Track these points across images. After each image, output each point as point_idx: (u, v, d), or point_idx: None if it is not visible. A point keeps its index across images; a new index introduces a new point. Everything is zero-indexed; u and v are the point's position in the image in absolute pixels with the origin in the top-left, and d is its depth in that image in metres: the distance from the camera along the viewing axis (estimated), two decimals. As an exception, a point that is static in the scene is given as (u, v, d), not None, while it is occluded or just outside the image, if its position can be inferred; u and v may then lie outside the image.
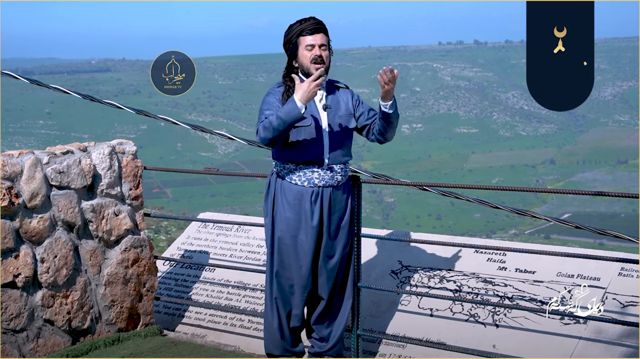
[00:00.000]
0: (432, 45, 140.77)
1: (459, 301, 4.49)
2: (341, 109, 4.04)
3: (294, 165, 3.97)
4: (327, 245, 4.04)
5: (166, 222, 32.52)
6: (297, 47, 3.96)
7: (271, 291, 4.11)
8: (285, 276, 4.05)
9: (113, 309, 4.72)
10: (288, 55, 4.02)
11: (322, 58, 3.94)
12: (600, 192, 3.91)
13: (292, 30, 3.98)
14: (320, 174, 3.97)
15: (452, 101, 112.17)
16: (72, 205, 4.50)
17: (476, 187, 4.49)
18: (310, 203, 3.96)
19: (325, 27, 4.00)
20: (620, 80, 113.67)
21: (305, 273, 4.02)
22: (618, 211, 70.41)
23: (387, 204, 78.58)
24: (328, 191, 3.99)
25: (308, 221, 3.97)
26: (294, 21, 4.02)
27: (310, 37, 3.93)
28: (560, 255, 4.20)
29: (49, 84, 5.99)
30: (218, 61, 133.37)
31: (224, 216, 6.14)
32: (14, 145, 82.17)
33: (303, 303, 4.10)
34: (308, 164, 3.96)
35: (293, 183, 3.98)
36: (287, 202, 3.98)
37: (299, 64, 3.98)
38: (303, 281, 4.03)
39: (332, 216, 4.02)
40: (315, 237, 3.99)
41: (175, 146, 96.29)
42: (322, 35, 3.96)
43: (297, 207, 3.97)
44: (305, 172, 3.96)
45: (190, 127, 5.85)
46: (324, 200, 3.99)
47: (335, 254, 4.08)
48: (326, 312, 4.17)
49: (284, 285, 4.06)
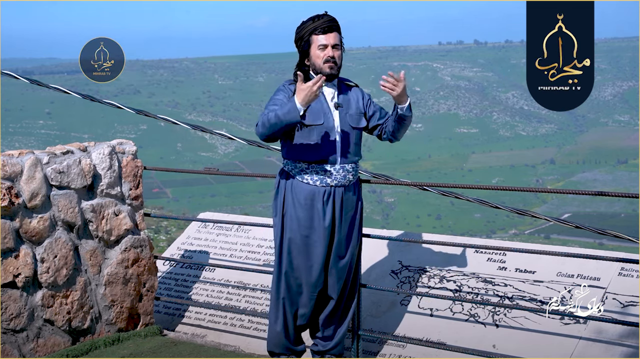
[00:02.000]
0: (432, 45, 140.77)
1: (459, 301, 4.49)
2: (352, 107, 4.02)
3: (305, 164, 3.93)
4: (339, 245, 4.01)
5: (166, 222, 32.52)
6: (309, 46, 3.90)
7: (278, 291, 4.07)
8: (294, 275, 4.02)
9: (113, 309, 4.72)
10: (300, 53, 3.95)
11: (334, 59, 3.89)
12: (600, 192, 3.91)
13: (305, 27, 3.91)
14: (333, 173, 3.93)
15: (452, 101, 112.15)
16: (72, 205, 4.50)
17: (476, 187, 4.49)
18: (323, 203, 3.92)
19: (338, 25, 3.93)
20: (620, 80, 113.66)
21: (316, 272, 3.99)
22: (618, 211, 70.41)
23: (387, 204, 78.58)
24: (340, 191, 3.96)
25: (320, 221, 3.93)
26: (307, 18, 3.95)
27: (323, 36, 3.87)
28: (560, 255, 4.20)
29: (49, 84, 5.99)
30: (218, 61, 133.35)
31: (224, 216, 6.14)
32: (14, 145, 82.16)
33: (312, 302, 4.06)
34: (320, 163, 3.92)
35: (305, 182, 3.94)
36: (298, 201, 3.94)
37: (311, 63, 3.93)
38: (313, 281, 4.00)
39: (344, 216, 3.99)
40: (327, 238, 3.96)
41: (175, 146, 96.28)
42: (335, 34, 3.90)
43: (308, 207, 3.93)
44: (318, 171, 3.92)
45: (190, 127, 5.85)
46: (336, 200, 3.95)
47: (346, 255, 4.05)
48: (335, 312, 4.15)
49: (292, 285, 4.04)
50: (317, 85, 3.69)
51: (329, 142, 3.91)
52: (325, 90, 3.97)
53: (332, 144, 3.91)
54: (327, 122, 3.92)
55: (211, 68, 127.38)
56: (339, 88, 4.03)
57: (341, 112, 3.97)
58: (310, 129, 3.89)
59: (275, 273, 4.10)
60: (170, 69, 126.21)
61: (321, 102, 3.93)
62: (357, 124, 4.01)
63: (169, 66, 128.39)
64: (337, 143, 3.93)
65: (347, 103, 4.01)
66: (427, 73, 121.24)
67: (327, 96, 3.97)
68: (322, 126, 3.90)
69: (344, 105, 3.98)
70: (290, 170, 3.99)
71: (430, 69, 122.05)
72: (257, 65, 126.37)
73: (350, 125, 3.98)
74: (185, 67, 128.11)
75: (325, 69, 3.89)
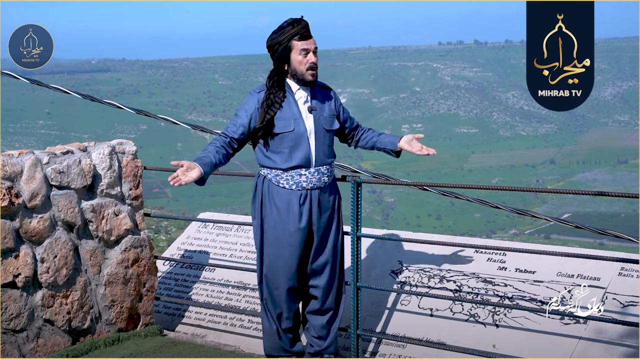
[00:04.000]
0: (432, 45, 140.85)
1: (459, 301, 4.49)
2: (325, 110, 4.03)
3: (281, 170, 3.96)
4: (318, 245, 4.05)
5: (166, 222, 32.54)
6: (289, 51, 3.90)
7: (262, 294, 4.13)
8: (273, 278, 4.05)
9: (113, 309, 4.72)
10: (276, 58, 3.93)
11: (316, 65, 3.92)
12: (601, 192, 3.91)
13: (284, 33, 3.89)
14: (308, 176, 3.96)
15: (452, 101, 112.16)
16: (72, 205, 4.50)
17: (476, 187, 4.49)
18: (299, 206, 3.96)
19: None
20: (620, 80, 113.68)
21: (292, 274, 4.02)
22: (618, 211, 70.41)
23: (387, 204, 78.59)
24: (316, 193, 3.99)
25: (296, 223, 3.96)
26: (283, 23, 3.93)
27: (304, 41, 3.88)
28: (560, 255, 4.20)
29: (49, 84, 5.99)
30: (218, 61, 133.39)
31: (224, 216, 6.14)
32: (14, 145, 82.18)
33: (293, 304, 4.11)
34: (295, 168, 3.95)
35: (281, 186, 3.96)
36: (275, 205, 3.98)
37: (291, 69, 3.92)
38: (290, 283, 4.04)
39: (321, 217, 4.02)
40: (303, 239, 3.99)
41: (175, 146, 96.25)
42: (313, 39, 3.93)
43: (285, 211, 3.96)
44: (293, 176, 3.95)
45: (190, 127, 5.85)
46: (313, 202, 3.99)
47: (325, 254, 4.08)
48: (325, 312, 4.17)
49: (271, 288, 4.07)
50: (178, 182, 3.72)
51: (303, 148, 3.93)
52: (297, 94, 3.97)
53: (307, 149, 3.94)
54: (297, 128, 3.92)
55: (211, 68, 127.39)
56: (311, 91, 4.02)
57: (315, 115, 3.98)
58: (282, 136, 3.91)
59: (257, 277, 4.14)
60: (170, 69, 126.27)
61: (291, 108, 3.93)
62: (331, 127, 4.03)
63: (169, 66, 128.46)
64: (312, 147, 3.96)
65: (320, 106, 4.02)
66: (427, 73, 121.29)
67: (298, 100, 3.97)
68: (292, 133, 3.91)
69: (318, 107, 4.00)
70: (266, 174, 4.01)
71: (430, 69, 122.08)
72: (257, 66, 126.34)
73: (324, 128, 4.00)
74: (185, 67, 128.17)
75: (308, 77, 3.91)
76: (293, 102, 3.95)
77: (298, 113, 3.94)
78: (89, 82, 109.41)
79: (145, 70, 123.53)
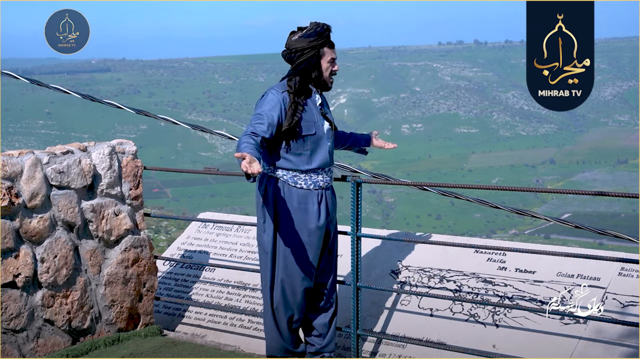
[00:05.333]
0: (432, 45, 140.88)
1: (459, 301, 4.49)
2: (329, 113, 4.15)
3: (300, 171, 3.99)
4: (332, 243, 4.15)
5: (166, 222, 32.54)
6: (319, 58, 3.93)
7: (271, 298, 4.08)
8: (291, 282, 4.03)
9: (113, 309, 4.72)
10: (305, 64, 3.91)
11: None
12: (601, 192, 3.91)
13: (317, 39, 3.89)
14: (324, 176, 4.05)
15: (452, 101, 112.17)
16: (72, 205, 4.50)
17: (476, 187, 4.49)
18: (317, 204, 4.01)
19: None
20: (620, 80, 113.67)
21: (311, 275, 4.06)
22: (618, 211, 70.41)
23: (387, 204, 78.59)
24: (329, 192, 4.09)
25: (315, 221, 4.00)
26: (309, 28, 3.92)
27: (332, 50, 3.99)
28: (560, 255, 4.20)
29: (49, 84, 5.99)
30: (218, 61, 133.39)
31: (224, 216, 6.14)
32: (14, 145, 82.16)
33: (304, 306, 4.12)
34: (315, 170, 4.01)
35: (298, 187, 3.98)
36: (292, 206, 3.98)
37: (319, 74, 3.96)
38: (306, 284, 4.05)
39: (331, 215, 4.10)
40: (321, 237, 4.06)
41: (175, 146, 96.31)
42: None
43: (303, 210, 3.98)
44: (312, 176, 4.00)
45: (190, 127, 5.85)
46: (328, 200, 4.06)
47: (334, 251, 4.18)
48: (326, 309, 4.20)
49: (287, 291, 4.05)
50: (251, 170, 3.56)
51: (321, 151, 4.01)
52: (315, 98, 4.04)
53: (324, 152, 4.02)
54: (318, 131, 3.99)
55: (211, 68, 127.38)
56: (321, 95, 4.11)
57: (329, 118, 4.09)
58: (305, 139, 3.96)
59: (266, 281, 4.08)
60: (170, 69, 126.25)
61: (312, 112, 3.99)
62: (337, 128, 4.22)
63: (169, 66, 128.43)
64: (330, 148, 4.06)
65: (327, 110, 4.13)
66: (427, 73, 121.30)
67: (316, 101, 4.04)
68: (314, 136, 3.97)
69: (325, 109, 4.09)
70: (282, 176, 3.99)
71: (430, 69, 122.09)
72: (257, 65, 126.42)
73: (331, 128, 4.10)
74: (185, 67, 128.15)
75: (329, 84, 4.03)
76: (313, 106, 4.00)
77: (317, 117, 4.01)
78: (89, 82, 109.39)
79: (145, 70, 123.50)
